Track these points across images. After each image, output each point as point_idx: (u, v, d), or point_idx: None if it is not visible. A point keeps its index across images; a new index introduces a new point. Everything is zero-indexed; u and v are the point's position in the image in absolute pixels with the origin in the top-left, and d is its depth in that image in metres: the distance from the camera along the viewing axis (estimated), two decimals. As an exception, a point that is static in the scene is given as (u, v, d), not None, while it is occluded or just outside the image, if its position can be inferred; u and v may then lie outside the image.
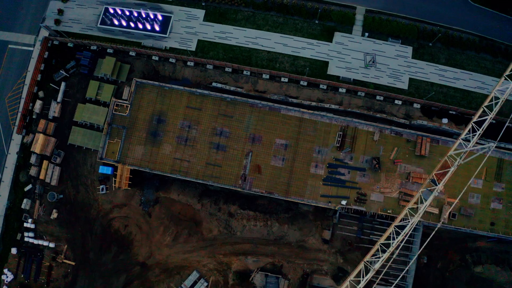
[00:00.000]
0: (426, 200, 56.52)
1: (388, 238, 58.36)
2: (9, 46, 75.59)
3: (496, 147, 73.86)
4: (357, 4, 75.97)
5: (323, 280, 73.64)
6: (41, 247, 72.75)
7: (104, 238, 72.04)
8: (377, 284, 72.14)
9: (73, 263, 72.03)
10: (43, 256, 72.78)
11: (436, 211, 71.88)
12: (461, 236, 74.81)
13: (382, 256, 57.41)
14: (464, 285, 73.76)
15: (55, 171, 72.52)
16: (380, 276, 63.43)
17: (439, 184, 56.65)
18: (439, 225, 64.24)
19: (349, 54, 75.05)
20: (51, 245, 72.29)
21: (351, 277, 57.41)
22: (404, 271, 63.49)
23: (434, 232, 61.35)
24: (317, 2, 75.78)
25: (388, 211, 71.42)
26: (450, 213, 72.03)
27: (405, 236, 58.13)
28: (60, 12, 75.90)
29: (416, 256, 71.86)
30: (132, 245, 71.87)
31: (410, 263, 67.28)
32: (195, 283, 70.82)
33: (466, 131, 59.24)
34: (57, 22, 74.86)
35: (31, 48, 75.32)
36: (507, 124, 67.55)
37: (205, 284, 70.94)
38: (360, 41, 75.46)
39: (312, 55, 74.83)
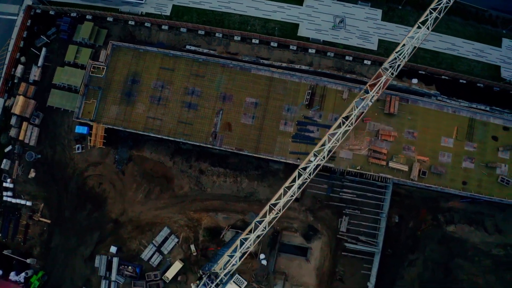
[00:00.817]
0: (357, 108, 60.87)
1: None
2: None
3: (467, 106, 75.38)
4: (326, -32, 78.72)
5: (293, 237, 74.68)
6: (19, 206, 75.44)
7: (79, 196, 74.51)
8: (348, 243, 73.26)
9: (48, 221, 74.52)
10: (21, 215, 75.48)
11: (405, 168, 72.62)
12: (433, 196, 75.23)
13: (283, 199, 60.19)
14: (435, 244, 73.81)
15: (34, 131, 75.91)
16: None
17: (371, 91, 59.76)
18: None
19: (319, 17, 77.57)
20: (28, 203, 75.00)
21: (257, 218, 61.32)
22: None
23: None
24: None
25: (357, 168, 72.59)
26: (420, 170, 72.75)
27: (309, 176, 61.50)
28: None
29: (386, 214, 72.83)
30: (106, 202, 74.21)
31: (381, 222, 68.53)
32: (166, 239, 72.60)
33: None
34: (40, -9, 79.73)
35: (15, 17, 79.80)
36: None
37: (176, 240, 72.59)
38: (330, 4, 77.96)
39: (283, 18, 77.58)
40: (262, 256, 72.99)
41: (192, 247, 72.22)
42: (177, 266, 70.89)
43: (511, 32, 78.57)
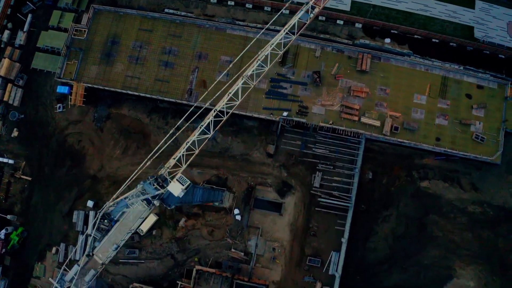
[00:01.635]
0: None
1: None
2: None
3: (440, 65, 76.77)
4: None
5: (267, 192, 76.06)
6: (1, 165, 78.40)
7: (59, 153, 77.13)
8: (322, 198, 74.30)
9: (29, 179, 77.30)
10: (3, 174, 78.46)
11: (378, 123, 73.96)
12: (407, 153, 76.05)
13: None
14: (409, 199, 74.33)
15: (18, 92, 79.35)
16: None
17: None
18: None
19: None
20: (11, 161, 78.02)
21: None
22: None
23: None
24: None
25: (330, 123, 74.15)
26: (392, 126, 74.00)
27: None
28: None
29: (358, 169, 73.83)
30: (85, 159, 76.66)
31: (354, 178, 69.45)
32: (142, 193, 74.86)
33: None
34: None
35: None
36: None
37: (151, 194, 74.87)
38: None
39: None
40: (236, 211, 74.35)
41: (167, 200, 74.17)
42: (151, 219, 72.66)
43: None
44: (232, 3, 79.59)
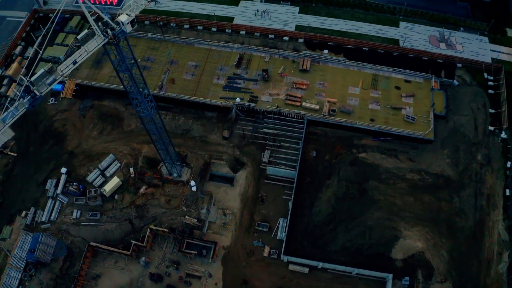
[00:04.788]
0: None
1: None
2: (7, 18, 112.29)
3: (370, 67, 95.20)
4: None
5: (221, 167, 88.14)
6: None
7: (44, 135, 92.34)
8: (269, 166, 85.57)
9: (15, 154, 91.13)
10: None
11: (317, 107, 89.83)
12: (347, 135, 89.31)
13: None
14: (348, 166, 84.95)
15: (20, 90, 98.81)
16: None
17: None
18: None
19: (250, 12, 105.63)
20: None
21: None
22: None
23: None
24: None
25: (276, 106, 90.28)
26: (329, 109, 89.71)
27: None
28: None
29: (302, 143, 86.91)
30: (66, 138, 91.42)
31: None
32: (110, 165, 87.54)
33: None
34: (45, 3, 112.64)
35: (23, 19, 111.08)
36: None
37: (118, 164, 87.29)
38: (259, 5, 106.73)
39: (222, 14, 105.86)
40: (192, 183, 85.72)
41: (131, 169, 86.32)
42: (115, 181, 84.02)
43: (406, 17, 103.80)
44: (201, 27, 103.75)
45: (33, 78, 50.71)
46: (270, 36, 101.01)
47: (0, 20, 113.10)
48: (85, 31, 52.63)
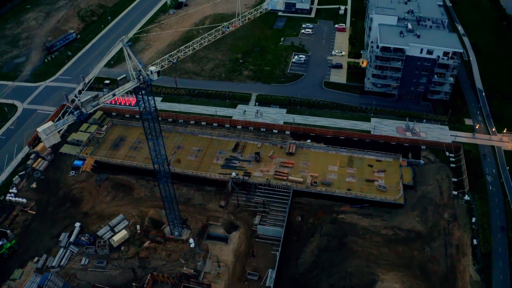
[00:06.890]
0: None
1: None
2: (37, 111, 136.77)
3: (347, 151, 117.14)
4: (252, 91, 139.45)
5: (217, 228, 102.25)
6: (15, 203, 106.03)
7: (63, 198, 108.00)
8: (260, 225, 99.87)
9: (34, 212, 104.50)
10: (14, 208, 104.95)
11: (301, 180, 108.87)
12: (328, 204, 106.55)
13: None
14: (329, 224, 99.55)
15: (44, 163, 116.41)
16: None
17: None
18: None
19: (246, 112, 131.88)
20: (24, 200, 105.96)
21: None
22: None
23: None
24: (229, 92, 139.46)
25: (266, 179, 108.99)
26: (312, 181, 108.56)
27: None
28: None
29: (288, 207, 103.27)
30: (81, 203, 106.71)
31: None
32: (119, 223, 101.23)
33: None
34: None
35: (51, 113, 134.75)
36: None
37: (126, 223, 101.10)
38: (253, 107, 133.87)
39: (223, 115, 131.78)
40: (191, 241, 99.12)
41: (138, 226, 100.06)
42: (123, 233, 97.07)
43: (377, 114, 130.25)
44: (204, 123, 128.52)
45: (82, 100, 69.52)
46: (262, 129, 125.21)
47: (31, 112, 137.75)
48: (123, 75, 75.06)
